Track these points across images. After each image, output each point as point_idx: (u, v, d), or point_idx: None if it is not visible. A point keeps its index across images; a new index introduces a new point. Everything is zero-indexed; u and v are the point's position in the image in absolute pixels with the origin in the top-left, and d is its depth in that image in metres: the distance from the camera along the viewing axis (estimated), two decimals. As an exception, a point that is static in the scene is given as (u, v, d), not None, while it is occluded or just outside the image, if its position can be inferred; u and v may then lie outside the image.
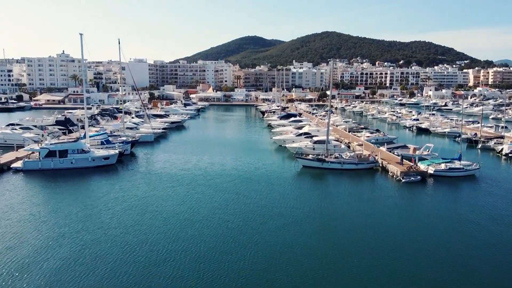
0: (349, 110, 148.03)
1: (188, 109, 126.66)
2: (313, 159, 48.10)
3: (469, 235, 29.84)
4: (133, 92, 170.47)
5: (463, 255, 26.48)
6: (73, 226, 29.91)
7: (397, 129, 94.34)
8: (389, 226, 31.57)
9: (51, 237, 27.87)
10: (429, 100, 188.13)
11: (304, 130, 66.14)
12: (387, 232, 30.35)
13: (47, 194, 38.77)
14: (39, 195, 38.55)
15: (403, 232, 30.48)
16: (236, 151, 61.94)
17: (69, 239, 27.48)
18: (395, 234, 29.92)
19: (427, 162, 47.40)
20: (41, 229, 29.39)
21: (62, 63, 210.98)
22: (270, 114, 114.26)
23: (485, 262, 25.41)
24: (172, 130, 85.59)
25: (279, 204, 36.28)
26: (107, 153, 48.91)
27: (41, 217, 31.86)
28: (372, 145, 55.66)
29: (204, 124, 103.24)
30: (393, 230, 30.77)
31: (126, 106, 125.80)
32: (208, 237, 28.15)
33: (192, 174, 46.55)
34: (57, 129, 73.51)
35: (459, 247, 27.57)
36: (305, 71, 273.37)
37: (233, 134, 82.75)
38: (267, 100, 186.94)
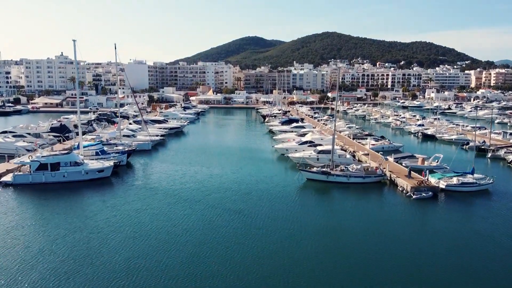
0: (351, 113, 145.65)
1: (187, 113, 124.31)
2: (318, 172, 45.73)
3: (489, 258, 27.51)
4: (132, 95, 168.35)
5: (483, 279, 24.27)
6: (59, 254, 27.47)
7: (402, 135, 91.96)
8: (399, 247, 29.50)
9: (32, 268, 25.47)
10: (432, 103, 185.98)
11: (307, 138, 63.73)
12: (397, 253, 28.36)
13: (34, 214, 36.32)
14: (26, 214, 36.09)
15: (415, 253, 28.43)
16: (236, 160, 59.56)
17: (51, 271, 25.06)
18: (406, 256, 27.92)
19: (438, 176, 45.01)
20: (21, 255, 27.02)
21: (61, 65, 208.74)
22: (272, 118, 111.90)
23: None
24: (170, 136, 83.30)
25: (281, 223, 33.99)
26: (101, 166, 46.54)
27: (25, 242, 29.49)
28: (380, 156, 53.08)
29: (203, 130, 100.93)
30: (404, 252, 28.75)
31: (125, 110, 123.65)
32: (205, 263, 25.82)
33: (190, 188, 44.13)
34: (52, 137, 71.17)
35: (480, 271, 25.30)
36: (306, 72, 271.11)
37: (233, 140, 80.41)
38: (267, 103, 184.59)
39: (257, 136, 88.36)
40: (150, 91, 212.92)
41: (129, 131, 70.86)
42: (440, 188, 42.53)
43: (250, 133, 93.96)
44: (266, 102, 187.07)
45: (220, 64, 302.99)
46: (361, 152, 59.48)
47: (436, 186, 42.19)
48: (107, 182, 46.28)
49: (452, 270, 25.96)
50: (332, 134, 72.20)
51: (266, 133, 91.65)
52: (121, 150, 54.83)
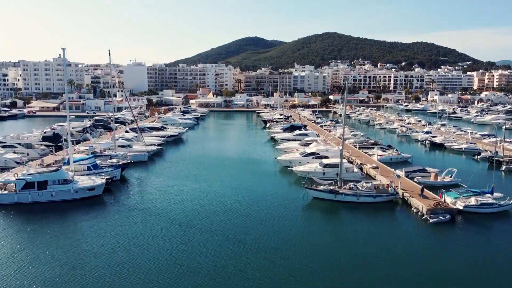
0: (354, 117, 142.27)
1: (186, 117, 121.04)
2: (326, 190, 42.51)
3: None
4: (131, 97, 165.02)
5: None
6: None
7: (408, 142, 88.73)
8: (415, 276, 27.19)
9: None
10: (436, 106, 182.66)
11: (312, 150, 60.51)
12: (413, 283, 26.30)
13: (15, 242, 33.09)
14: (6, 241, 32.90)
15: (433, 283, 26.20)
16: (236, 174, 56.32)
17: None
18: (423, 286, 25.54)
19: (454, 195, 41.75)
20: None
21: (59, 68, 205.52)
22: (273, 124, 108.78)
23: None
24: (169, 144, 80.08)
25: (286, 250, 31.25)
26: (92, 184, 43.31)
27: (4, 269, 26.48)
28: (392, 171, 49.48)
29: (203, 136, 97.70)
30: (420, 280, 26.56)
31: (122, 115, 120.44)
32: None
33: (186, 210, 40.84)
34: (44, 147, 67.98)
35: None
36: (307, 74, 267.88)
37: (233, 149, 77.15)
38: (268, 106, 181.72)
39: (258, 144, 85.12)
40: (149, 94, 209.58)
41: (124, 141, 67.58)
42: (458, 209, 39.29)
43: (251, 140, 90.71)
44: (267, 105, 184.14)
45: (220, 66, 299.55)
46: (369, 165, 56.22)
47: (454, 208, 38.94)
48: (98, 202, 43.06)
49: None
50: (338, 143, 69.20)
51: (268, 141, 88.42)
52: (114, 164, 51.57)
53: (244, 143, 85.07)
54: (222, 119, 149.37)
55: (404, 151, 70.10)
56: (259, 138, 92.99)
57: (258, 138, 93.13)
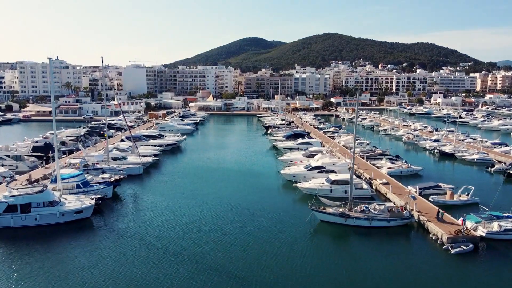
0: (358, 122, 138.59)
1: (185, 123, 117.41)
2: (335, 214, 38.96)
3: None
4: (129, 101, 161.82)
5: None
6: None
7: (416, 151, 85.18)
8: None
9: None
10: (440, 110, 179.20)
11: (317, 163, 56.91)
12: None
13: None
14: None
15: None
16: (237, 190, 52.73)
17: None
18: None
19: (474, 219, 38.15)
20: None
21: (56, 70, 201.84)
22: (275, 130, 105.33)
23: None
24: (166, 154, 76.48)
25: (291, 282, 27.85)
26: (80, 206, 39.76)
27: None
28: (406, 190, 45.65)
29: (201, 144, 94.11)
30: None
31: (119, 121, 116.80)
32: None
33: (180, 235, 37.33)
34: (34, 159, 64.47)
35: None
36: (308, 76, 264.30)
37: (233, 160, 73.58)
38: (269, 109, 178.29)
39: (259, 153, 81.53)
40: (148, 96, 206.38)
41: (118, 153, 64.01)
42: (480, 236, 35.75)
43: (252, 149, 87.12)
44: (268, 108, 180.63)
45: (220, 68, 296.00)
46: (378, 180, 52.66)
47: (476, 236, 35.37)
48: (86, 226, 39.52)
49: None
50: (344, 153, 65.30)
51: (270, 149, 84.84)
52: (106, 182, 48.01)
53: (244, 152, 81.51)
54: (222, 123, 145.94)
55: (413, 162, 66.58)
56: (261, 146, 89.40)
57: (259, 146, 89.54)
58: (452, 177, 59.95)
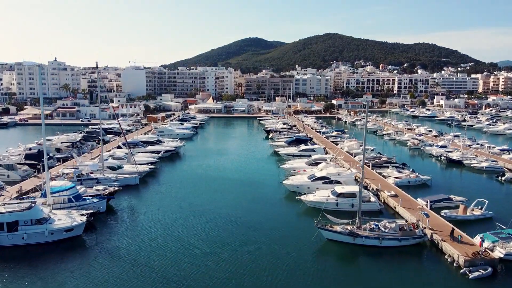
0: (361, 126, 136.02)
1: (184, 127, 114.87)
2: (343, 232, 36.44)
3: None
4: (127, 104, 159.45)
5: None
6: None
7: (421, 157, 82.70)
8: None
9: None
10: (443, 112, 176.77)
11: (321, 173, 54.40)
12: None
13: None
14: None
15: None
16: (237, 202, 50.21)
17: None
18: None
19: (491, 238, 35.63)
20: None
21: (54, 72, 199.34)
22: (276, 135, 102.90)
23: None
24: (164, 160, 74.00)
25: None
26: (70, 224, 37.28)
27: None
28: (418, 205, 42.79)
29: (201, 150, 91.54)
30: None
31: (117, 125, 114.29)
32: None
33: (178, 254, 34.99)
34: (27, 167, 62.04)
35: None
36: (309, 77, 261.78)
37: (233, 168, 71.07)
38: (270, 112, 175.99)
39: (261, 160, 79.06)
40: (147, 99, 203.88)
41: (114, 162, 61.49)
42: (499, 258, 33.27)
43: (253, 155, 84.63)
44: (268, 111, 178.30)
45: (220, 69, 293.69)
46: (386, 192, 50.15)
47: (495, 258, 32.88)
48: (77, 244, 37.06)
49: None
50: (349, 160, 62.16)
51: (271, 155, 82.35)
52: (100, 195, 45.53)
53: (245, 159, 79.04)
54: (222, 127, 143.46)
55: (419, 170, 64.10)
56: (262, 152, 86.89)
57: (260, 152, 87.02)
58: (462, 188, 57.47)
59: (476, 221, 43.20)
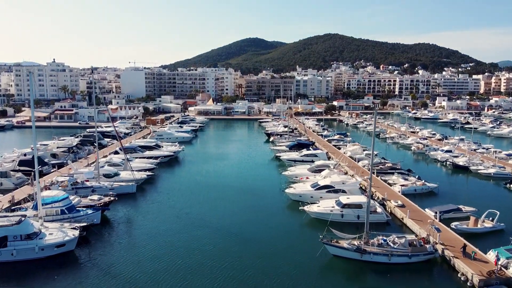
0: (362, 128, 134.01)
1: (184, 130, 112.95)
2: (350, 249, 34.52)
3: None
4: (126, 106, 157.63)
5: None
6: None
7: (426, 162, 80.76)
8: None
9: None
10: (445, 114, 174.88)
11: (325, 182, 52.44)
12: None
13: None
14: None
15: None
16: (237, 212, 48.30)
17: None
18: None
19: (505, 254, 33.64)
20: None
21: (52, 73, 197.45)
22: (277, 138, 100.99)
23: None
24: (163, 166, 72.04)
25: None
26: (62, 239, 35.37)
27: None
28: (429, 223, 40.02)
29: (200, 155, 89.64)
30: None
31: (116, 127, 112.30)
32: None
33: (175, 268, 33.08)
34: (21, 174, 60.17)
35: None
36: (310, 78, 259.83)
37: (233, 174, 69.22)
38: (271, 114, 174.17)
39: (261, 165, 77.19)
40: (146, 100, 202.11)
41: (110, 169, 59.55)
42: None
43: (254, 160, 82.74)
44: (269, 113, 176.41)
45: (220, 70, 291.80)
46: (393, 202, 48.21)
47: (511, 277, 30.97)
48: (69, 260, 35.16)
49: None
50: (352, 167, 59.59)
51: (272, 160, 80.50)
52: (94, 207, 43.62)
53: (245, 164, 77.14)
54: (222, 129, 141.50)
55: (424, 176, 62.18)
56: (263, 157, 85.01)
57: (261, 157, 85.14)
58: (470, 196, 55.56)
59: (487, 234, 41.33)
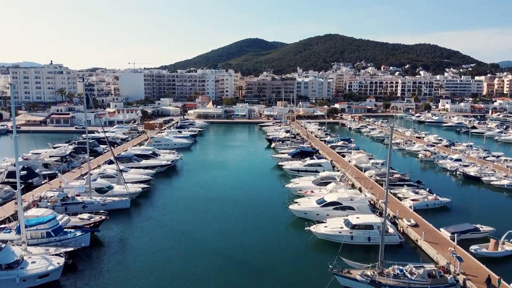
0: (366, 133, 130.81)
1: (183, 136, 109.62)
2: (363, 281, 31.24)
3: None
4: (124, 109, 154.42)
5: None
6: None
7: (434, 171, 77.48)
8: None
9: None
10: (450, 117, 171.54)
11: (332, 198, 49.03)
12: None
13: None
14: None
15: None
16: (236, 231, 45.03)
17: None
18: None
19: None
20: None
21: (49, 75, 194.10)
22: (279, 144, 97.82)
23: None
24: (160, 176, 68.79)
25: None
26: (45, 269, 32.08)
27: None
28: (450, 250, 36.17)
29: (199, 162, 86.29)
30: None
31: (112, 133, 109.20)
32: None
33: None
34: (9, 187, 56.88)
35: None
36: (311, 80, 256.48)
37: (234, 184, 65.97)
38: (271, 117, 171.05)
39: (263, 174, 73.94)
40: (145, 103, 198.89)
41: (103, 182, 56.19)
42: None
43: (255, 168, 79.51)
44: (270, 116, 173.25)
45: (220, 72, 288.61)
46: (405, 221, 44.91)
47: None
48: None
49: None
50: (358, 177, 55.49)
51: (274, 169, 77.25)
52: (84, 228, 40.32)
53: (246, 174, 73.89)
54: (222, 133, 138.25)
55: (434, 187, 58.90)
56: (264, 165, 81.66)
57: (262, 165, 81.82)
58: (485, 212, 52.43)
59: (509, 258, 38.09)
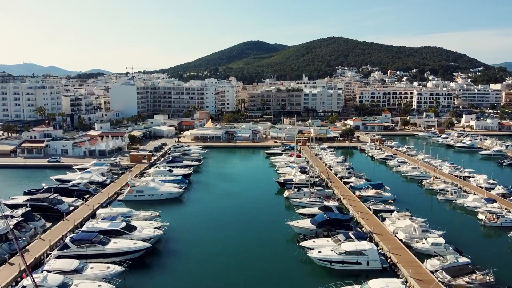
0: (392, 165, 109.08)
1: (174, 178, 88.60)
2: None
3: None
4: (109, 133, 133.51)
5: None
6: None
7: (504, 245, 56.69)
8: None
9: None
10: (482, 141, 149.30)
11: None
12: None
13: None
14: None
15: None
16: None
17: None
18: None
19: None
20: None
21: (29, 91, 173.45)
22: (294, 193, 77.69)
23: None
24: (133, 265, 47.98)
25: None
26: None
27: None
28: None
29: (188, 229, 65.71)
30: None
31: (88, 173, 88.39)
32: None
33: None
34: None
35: None
36: (319, 92, 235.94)
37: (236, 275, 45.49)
38: (278, 139, 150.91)
39: (279, 260, 53.21)
40: (137, 120, 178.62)
41: (57, 278, 35.26)
42: None
43: (265, 243, 58.97)
44: (277, 138, 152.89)
45: (221, 83, 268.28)
46: None
47: None
48: None
49: None
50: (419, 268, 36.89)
51: (292, 242, 56.30)
52: None
53: (253, 246, 53.14)
54: (222, 165, 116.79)
55: None
56: (277, 234, 60.57)
57: (275, 234, 60.79)
58: None
59: None
